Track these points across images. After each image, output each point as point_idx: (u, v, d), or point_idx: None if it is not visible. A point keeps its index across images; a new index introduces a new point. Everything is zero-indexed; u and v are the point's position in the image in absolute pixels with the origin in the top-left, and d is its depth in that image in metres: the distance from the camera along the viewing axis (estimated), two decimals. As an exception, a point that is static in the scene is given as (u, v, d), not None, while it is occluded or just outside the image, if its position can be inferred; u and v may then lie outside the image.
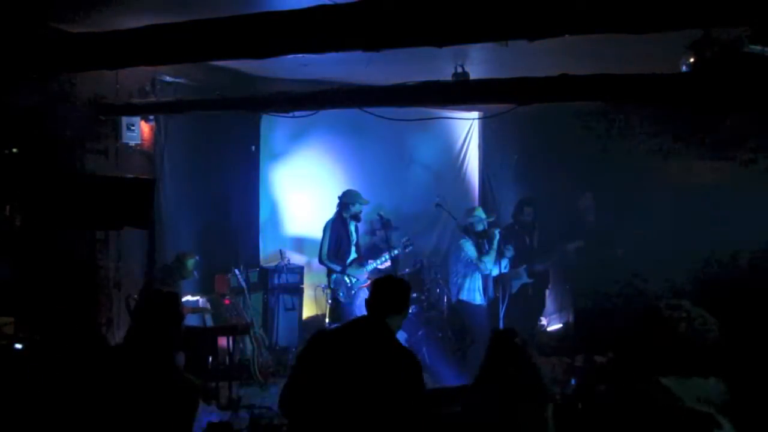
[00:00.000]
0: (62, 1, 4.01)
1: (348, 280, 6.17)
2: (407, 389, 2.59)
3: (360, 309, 5.68)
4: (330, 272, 6.25)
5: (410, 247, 6.53)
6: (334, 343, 2.73)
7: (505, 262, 6.24)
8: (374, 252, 6.68)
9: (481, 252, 6.15)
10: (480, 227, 6.20)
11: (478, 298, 6.18)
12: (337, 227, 6.21)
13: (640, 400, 1.84)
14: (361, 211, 6.30)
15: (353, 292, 6.18)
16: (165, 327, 2.38)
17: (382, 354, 2.64)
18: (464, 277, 6.23)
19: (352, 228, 6.36)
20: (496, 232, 6.16)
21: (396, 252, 6.32)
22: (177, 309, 2.47)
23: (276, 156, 7.11)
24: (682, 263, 5.47)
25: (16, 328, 4.09)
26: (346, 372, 2.59)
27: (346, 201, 6.25)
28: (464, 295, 6.23)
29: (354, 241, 6.36)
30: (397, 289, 2.87)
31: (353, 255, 6.32)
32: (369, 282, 5.93)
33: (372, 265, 6.33)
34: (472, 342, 6.34)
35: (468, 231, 6.25)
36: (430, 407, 2.75)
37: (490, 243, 6.15)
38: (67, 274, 4.70)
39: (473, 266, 6.16)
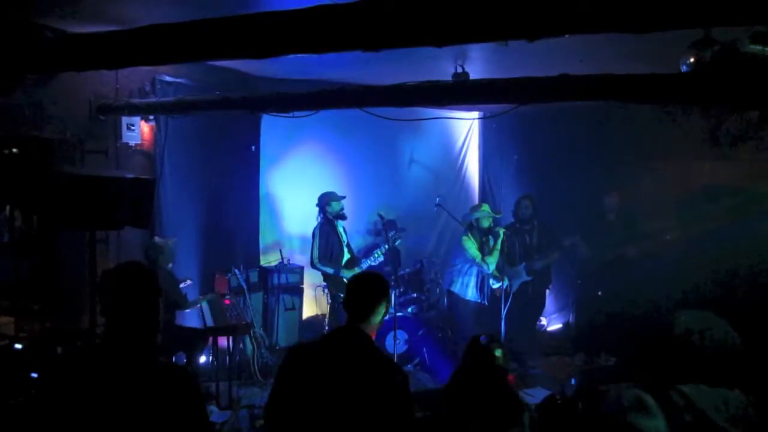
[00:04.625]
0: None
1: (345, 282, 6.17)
2: (396, 404, 2.49)
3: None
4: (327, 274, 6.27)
5: (399, 240, 6.50)
6: (315, 358, 2.59)
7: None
8: (372, 251, 6.68)
9: (484, 252, 6.18)
10: (486, 223, 6.23)
11: (470, 294, 6.28)
12: (325, 231, 6.19)
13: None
14: (341, 208, 6.25)
15: None
16: (144, 305, 2.07)
17: (368, 370, 2.52)
18: (459, 272, 6.31)
19: (341, 229, 6.35)
20: (501, 231, 6.18)
21: (386, 247, 6.30)
22: (154, 281, 2.13)
23: (276, 156, 7.11)
24: (691, 265, 5.46)
25: (16, 328, 4.09)
26: (330, 391, 2.48)
27: (322, 204, 6.24)
28: (456, 288, 6.36)
29: (345, 242, 6.36)
30: (373, 286, 2.67)
31: (347, 256, 6.32)
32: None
33: (366, 263, 6.32)
34: (453, 334, 6.45)
35: (472, 228, 6.26)
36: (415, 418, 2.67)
37: (495, 242, 6.17)
38: (67, 274, 4.70)
39: (474, 265, 6.21)
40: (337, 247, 6.24)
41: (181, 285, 5.71)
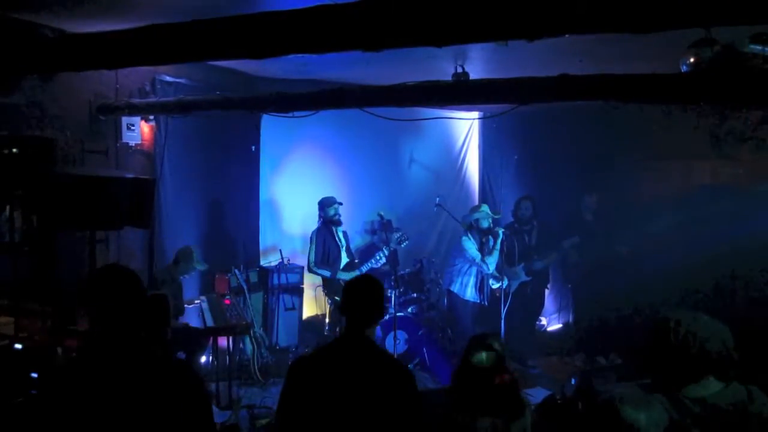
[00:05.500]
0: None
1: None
2: (406, 403, 2.51)
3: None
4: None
5: (405, 243, 6.47)
6: (326, 370, 2.55)
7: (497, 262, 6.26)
8: (371, 252, 6.67)
9: (484, 252, 6.18)
10: (486, 224, 6.24)
11: (469, 294, 6.28)
12: (322, 235, 6.23)
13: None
14: (336, 214, 6.27)
15: None
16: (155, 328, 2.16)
17: (378, 372, 2.53)
18: (459, 272, 6.31)
19: (340, 234, 6.36)
20: (501, 231, 6.19)
21: (391, 248, 6.29)
22: (166, 310, 2.24)
23: (276, 156, 7.11)
24: (690, 265, 5.46)
25: (16, 328, 4.08)
26: (348, 402, 2.47)
27: (320, 208, 6.29)
28: (455, 288, 6.36)
29: (343, 246, 6.35)
30: (375, 291, 2.68)
31: (345, 260, 6.31)
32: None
33: (367, 266, 6.31)
34: (453, 334, 6.44)
35: (472, 228, 6.27)
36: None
37: (494, 242, 6.17)
38: (67, 274, 4.70)
39: (474, 265, 6.21)
40: (335, 251, 6.25)
41: (190, 306, 5.73)
